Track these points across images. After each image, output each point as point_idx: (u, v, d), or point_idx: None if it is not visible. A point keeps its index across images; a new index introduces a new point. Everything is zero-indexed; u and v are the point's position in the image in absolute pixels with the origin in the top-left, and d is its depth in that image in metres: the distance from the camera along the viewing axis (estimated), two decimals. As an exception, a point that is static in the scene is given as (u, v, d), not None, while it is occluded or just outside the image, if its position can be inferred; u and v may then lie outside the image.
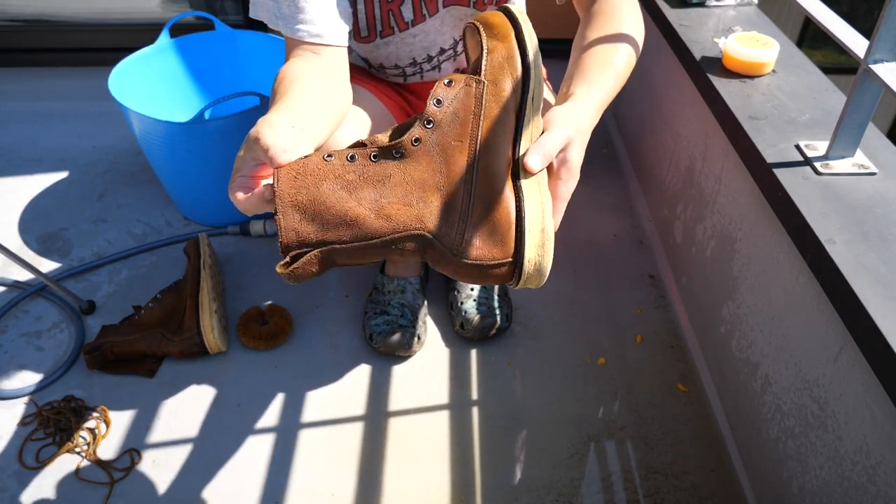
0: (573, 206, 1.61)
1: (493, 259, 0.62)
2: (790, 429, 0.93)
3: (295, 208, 0.61)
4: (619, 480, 1.07)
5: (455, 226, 0.62)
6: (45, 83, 1.97)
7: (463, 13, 1.00)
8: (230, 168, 1.51)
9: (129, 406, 1.17)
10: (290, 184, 0.61)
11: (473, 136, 0.63)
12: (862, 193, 0.89)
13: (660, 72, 1.52)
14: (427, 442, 1.12)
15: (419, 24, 0.99)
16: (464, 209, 0.62)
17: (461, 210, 0.62)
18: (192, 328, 1.21)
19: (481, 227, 0.62)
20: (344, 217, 0.61)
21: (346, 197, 0.61)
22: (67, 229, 1.54)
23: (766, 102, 1.09)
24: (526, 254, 0.62)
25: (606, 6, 0.85)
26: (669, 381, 1.22)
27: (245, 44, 1.64)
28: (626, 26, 0.83)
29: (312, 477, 1.07)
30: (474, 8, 0.99)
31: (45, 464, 1.09)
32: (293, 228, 0.61)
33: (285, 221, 0.61)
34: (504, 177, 0.63)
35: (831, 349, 0.84)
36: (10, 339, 1.29)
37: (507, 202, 0.63)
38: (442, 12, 0.99)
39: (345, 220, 0.61)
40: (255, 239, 1.51)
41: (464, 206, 0.62)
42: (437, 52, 1.06)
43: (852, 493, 0.79)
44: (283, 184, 0.61)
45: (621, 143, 1.82)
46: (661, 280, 1.42)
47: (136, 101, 1.43)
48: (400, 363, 1.25)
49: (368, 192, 0.61)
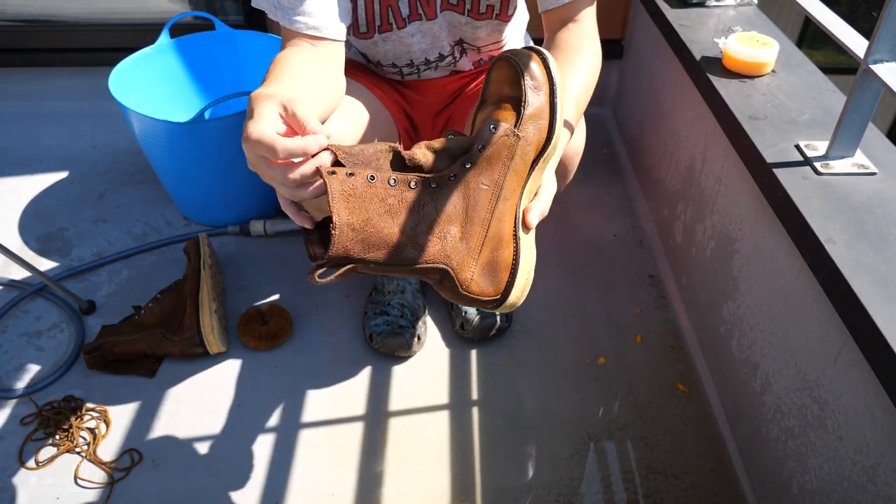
0: (573, 205, 1.62)
1: (486, 296, 0.71)
2: (790, 429, 0.93)
3: (349, 227, 0.64)
4: (619, 480, 1.07)
5: (468, 265, 0.69)
6: (45, 83, 1.97)
7: (457, 20, 1.00)
8: (230, 168, 1.52)
9: (129, 406, 1.17)
10: (344, 204, 0.64)
11: (498, 184, 0.69)
12: (862, 193, 0.89)
13: (660, 72, 1.52)
14: (427, 442, 1.12)
15: (416, 21, 0.99)
16: (475, 249, 0.69)
17: (474, 249, 0.69)
18: (192, 328, 1.21)
19: (485, 267, 0.70)
20: (386, 241, 0.66)
21: (390, 223, 0.65)
22: (67, 229, 1.54)
23: (766, 102, 1.09)
24: (511, 294, 0.71)
25: (573, 38, 0.90)
26: (669, 381, 1.22)
27: (245, 44, 1.64)
28: (586, 62, 0.88)
29: (312, 477, 1.08)
30: (468, 16, 0.99)
31: (45, 464, 1.09)
32: (344, 246, 0.64)
33: (340, 239, 0.64)
34: (510, 225, 0.70)
35: (831, 349, 0.84)
36: (10, 339, 1.29)
37: (509, 249, 0.71)
38: (440, 18, 0.99)
39: (386, 244, 0.66)
40: (255, 239, 1.51)
41: (477, 245, 0.69)
42: (435, 57, 1.06)
43: (852, 493, 0.79)
44: (338, 203, 0.64)
45: (621, 143, 1.82)
46: (661, 280, 1.42)
47: (136, 101, 1.43)
48: (400, 363, 1.25)
49: (407, 219, 0.66)
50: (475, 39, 1.07)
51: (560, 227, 1.55)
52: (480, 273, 0.70)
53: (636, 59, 1.72)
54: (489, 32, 1.05)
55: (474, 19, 1.02)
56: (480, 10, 1.01)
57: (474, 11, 1.00)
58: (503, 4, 1.01)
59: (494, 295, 0.71)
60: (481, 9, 1.01)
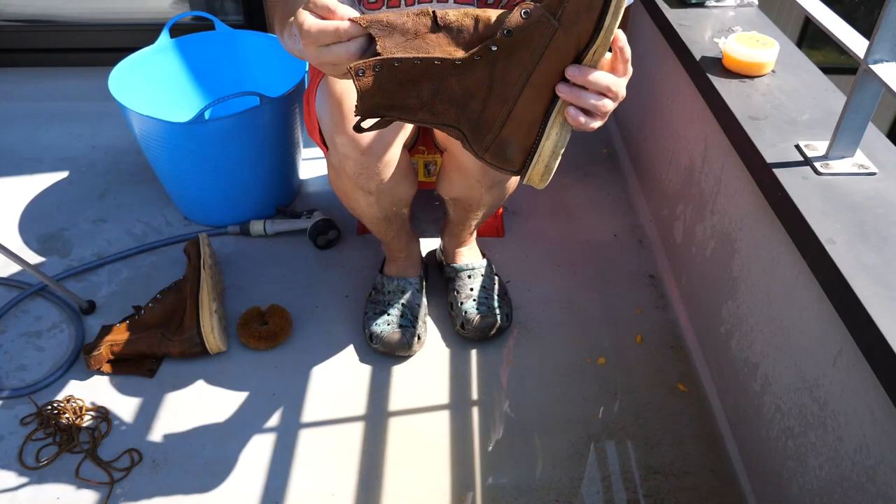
0: (573, 205, 1.62)
1: (502, 168, 0.73)
2: (790, 429, 0.93)
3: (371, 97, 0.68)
4: (619, 480, 1.07)
5: (485, 135, 0.71)
6: (45, 83, 1.97)
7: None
8: (230, 168, 1.52)
9: (129, 406, 1.17)
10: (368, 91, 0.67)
11: (528, 69, 0.68)
12: (862, 193, 0.89)
13: (660, 72, 1.52)
14: (427, 442, 1.12)
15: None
16: (498, 125, 0.70)
17: (494, 124, 0.70)
18: (192, 328, 1.21)
19: (504, 142, 0.71)
20: (406, 106, 0.69)
21: (413, 92, 0.69)
22: (67, 229, 1.54)
23: (766, 102, 1.09)
24: (526, 177, 0.73)
25: None
26: (669, 381, 1.22)
27: (245, 44, 1.64)
28: None
29: (312, 477, 1.08)
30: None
31: (45, 464, 1.09)
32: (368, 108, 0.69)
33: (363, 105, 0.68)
34: (536, 113, 0.70)
35: (831, 349, 0.84)
36: (10, 339, 1.29)
37: (531, 132, 0.71)
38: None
39: (407, 108, 0.69)
40: (255, 239, 1.51)
41: (497, 121, 0.70)
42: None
43: (852, 493, 0.79)
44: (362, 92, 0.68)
45: (621, 142, 1.82)
46: (661, 280, 1.42)
47: (136, 101, 1.43)
48: (400, 363, 1.25)
49: (426, 88, 0.69)
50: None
51: (560, 227, 1.55)
52: (498, 147, 0.71)
53: (636, 59, 1.72)
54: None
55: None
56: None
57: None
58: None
59: (511, 169, 0.73)
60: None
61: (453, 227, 1.31)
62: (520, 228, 1.54)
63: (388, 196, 1.11)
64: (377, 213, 1.16)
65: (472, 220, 1.26)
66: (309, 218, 1.50)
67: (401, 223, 1.24)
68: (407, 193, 1.15)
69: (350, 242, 1.51)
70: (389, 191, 1.10)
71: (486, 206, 1.22)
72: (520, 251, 1.49)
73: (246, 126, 1.37)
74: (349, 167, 1.03)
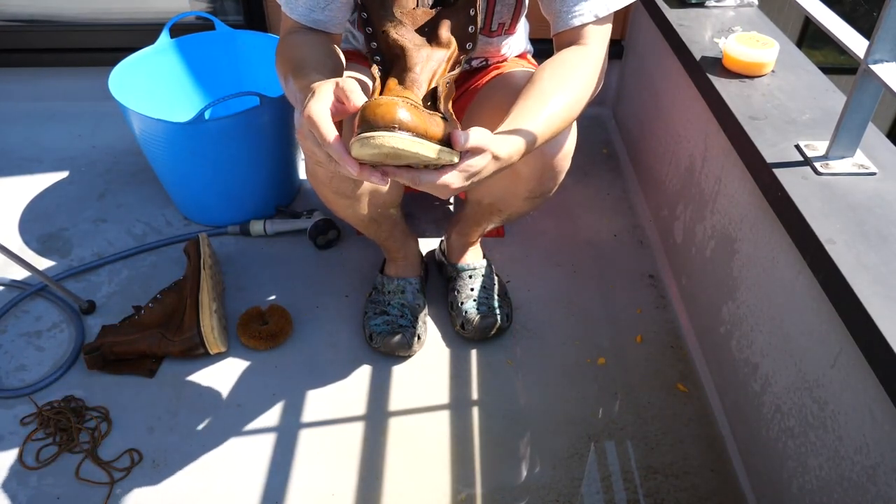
0: (573, 205, 1.62)
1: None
2: (790, 429, 0.93)
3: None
4: (619, 480, 1.07)
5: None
6: (45, 83, 1.97)
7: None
8: (230, 168, 1.52)
9: (129, 406, 1.17)
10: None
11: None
12: (862, 193, 0.89)
13: (660, 72, 1.52)
14: (427, 442, 1.12)
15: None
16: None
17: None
18: (192, 328, 1.21)
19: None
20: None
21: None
22: (67, 229, 1.54)
23: (766, 102, 1.09)
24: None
25: (572, 56, 0.89)
26: (669, 381, 1.22)
27: (245, 44, 1.64)
28: (578, 80, 0.87)
29: (312, 477, 1.08)
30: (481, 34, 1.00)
31: (45, 464, 1.09)
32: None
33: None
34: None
35: (831, 349, 0.84)
36: (10, 339, 1.29)
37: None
38: None
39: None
40: (255, 239, 1.51)
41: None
42: None
43: (852, 493, 0.79)
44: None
45: (621, 142, 1.82)
46: (661, 280, 1.42)
47: (136, 101, 1.43)
48: (400, 363, 1.25)
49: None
50: (484, 52, 1.09)
51: (560, 227, 1.55)
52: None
53: (636, 59, 1.73)
54: (496, 46, 1.09)
55: (486, 37, 1.04)
56: (492, 27, 1.03)
57: (486, 30, 1.02)
58: (512, 20, 1.03)
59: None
60: (493, 27, 1.03)
61: (466, 227, 1.28)
62: (520, 228, 1.54)
63: (368, 199, 1.10)
64: (362, 216, 1.14)
65: (491, 223, 1.25)
66: (309, 218, 1.50)
67: (391, 224, 1.22)
68: (391, 196, 1.13)
69: (350, 242, 1.51)
70: (369, 194, 1.08)
71: (515, 214, 1.18)
72: (520, 251, 1.49)
73: (246, 126, 1.37)
74: (320, 174, 1.03)
